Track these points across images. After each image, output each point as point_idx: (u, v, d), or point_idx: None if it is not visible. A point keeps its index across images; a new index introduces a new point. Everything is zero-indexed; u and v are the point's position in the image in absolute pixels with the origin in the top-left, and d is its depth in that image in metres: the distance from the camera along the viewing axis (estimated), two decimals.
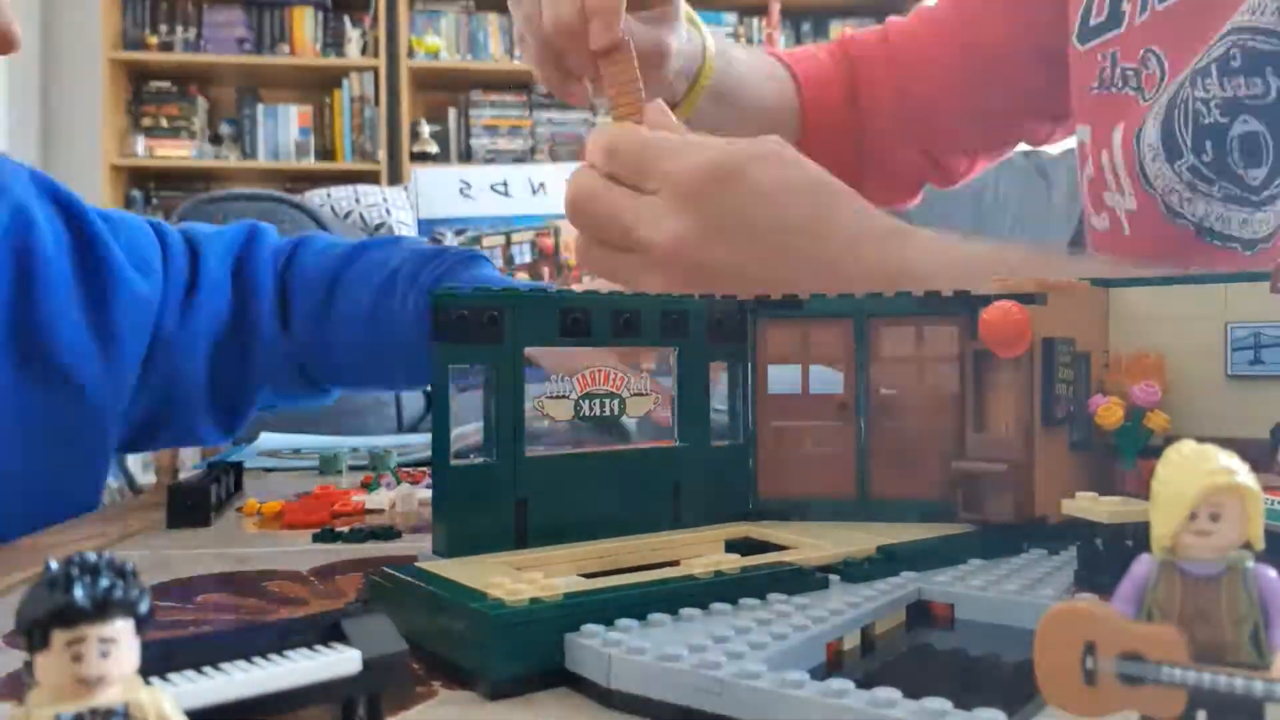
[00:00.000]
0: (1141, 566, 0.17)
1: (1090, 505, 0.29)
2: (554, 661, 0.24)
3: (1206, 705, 0.16)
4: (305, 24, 3.08)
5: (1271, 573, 0.16)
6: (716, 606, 0.26)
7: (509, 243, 1.57)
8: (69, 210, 0.57)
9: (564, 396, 0.33)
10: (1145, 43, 0.52)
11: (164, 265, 0.60)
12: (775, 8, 3.13)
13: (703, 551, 0.31)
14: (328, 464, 0.68)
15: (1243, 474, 0.16)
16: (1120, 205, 0.54)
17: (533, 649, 0.24)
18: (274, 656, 0.18)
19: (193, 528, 0.47)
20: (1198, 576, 0.16)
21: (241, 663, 0.18)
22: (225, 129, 3.12)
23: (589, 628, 0.24)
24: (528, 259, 1.55)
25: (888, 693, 0.19)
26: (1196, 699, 0.16)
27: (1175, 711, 0.16)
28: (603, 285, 0.48)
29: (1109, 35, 0.55)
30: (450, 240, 1.53)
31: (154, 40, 3.02)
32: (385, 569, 0.29)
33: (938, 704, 0.19)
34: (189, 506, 0.47)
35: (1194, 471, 0.16)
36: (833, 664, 0.25)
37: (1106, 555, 0.28)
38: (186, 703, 0.16)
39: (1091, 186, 0.57)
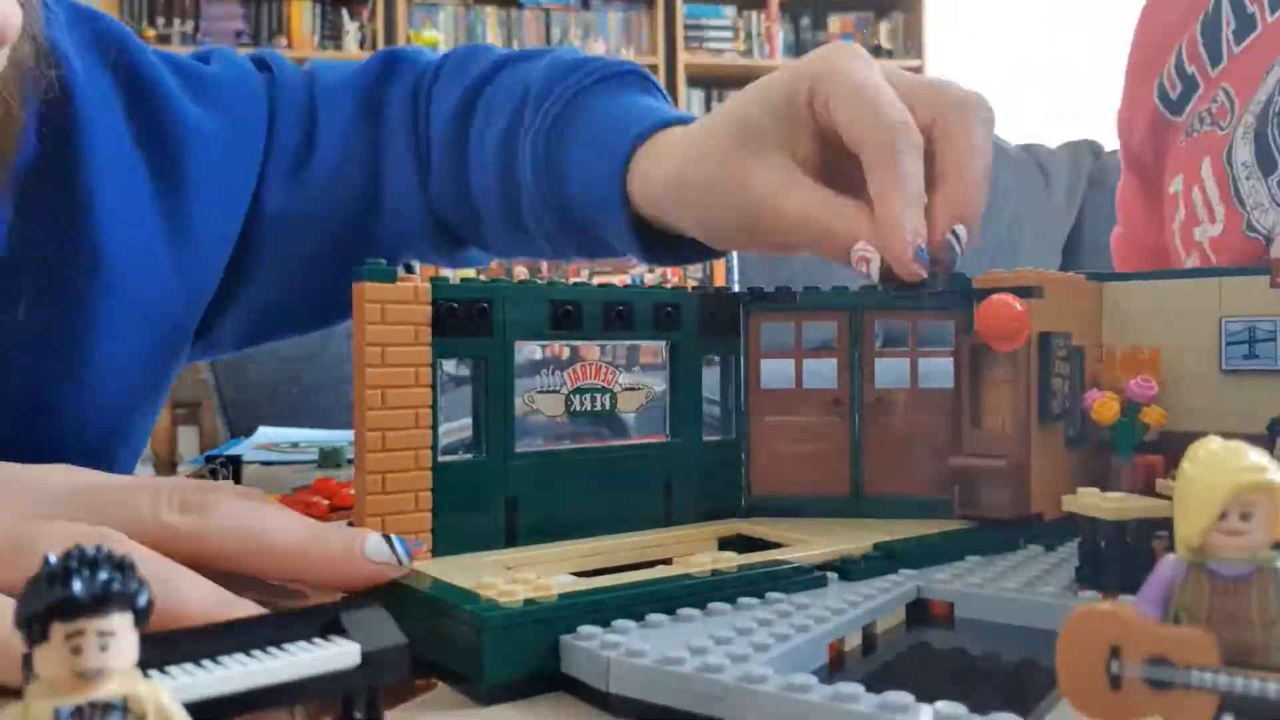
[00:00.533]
0: (1167, 568, 0.16)
1: (1093, 501, 0.28)
2: (550, 664, 0.23)
3: (1237, 710, 0.15)
4: (303, 17, 3.03)
5: None
6: (714, 606, 0.25)
7: None
8: (121, 49, 0.42)
9: (555, 391, 0.32)
10: (1218, 84, 0.56)
11: (269, 119, 0.46)
12: (774, 1, 3.10)
13: (695, 549, 0.30)
14: (327, 457, 0.66)
15: (1274, 472, 0.15)
16: (1206, 235, 0.55)
17: (527, 652, 0.23)
18: (273, 650, 0.18)
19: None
20: (1227, 578, 0.16)
21: (240, 656, 0.18)
22: None
23: (585, 629, 0.23)
24: None
25: (899, 696, 0.19)
26: (1227, 704, 0.15)
27: (1205, 717, 0.15)
28: None
29: (1194, 97, 0.58)
30: None
31: (151, 33, 2.96)
32: None
33: (951, 708, 0.18)
34: None
35: (1224, 469, 0.15)
36: (835, 665, 0.24)
37: (1109, 552, 0.27)
38: (185, 696, 0.16)
39: (1183, 231, 0.58)
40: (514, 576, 0.25)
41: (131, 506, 0.26)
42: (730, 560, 0.27)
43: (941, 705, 0.18)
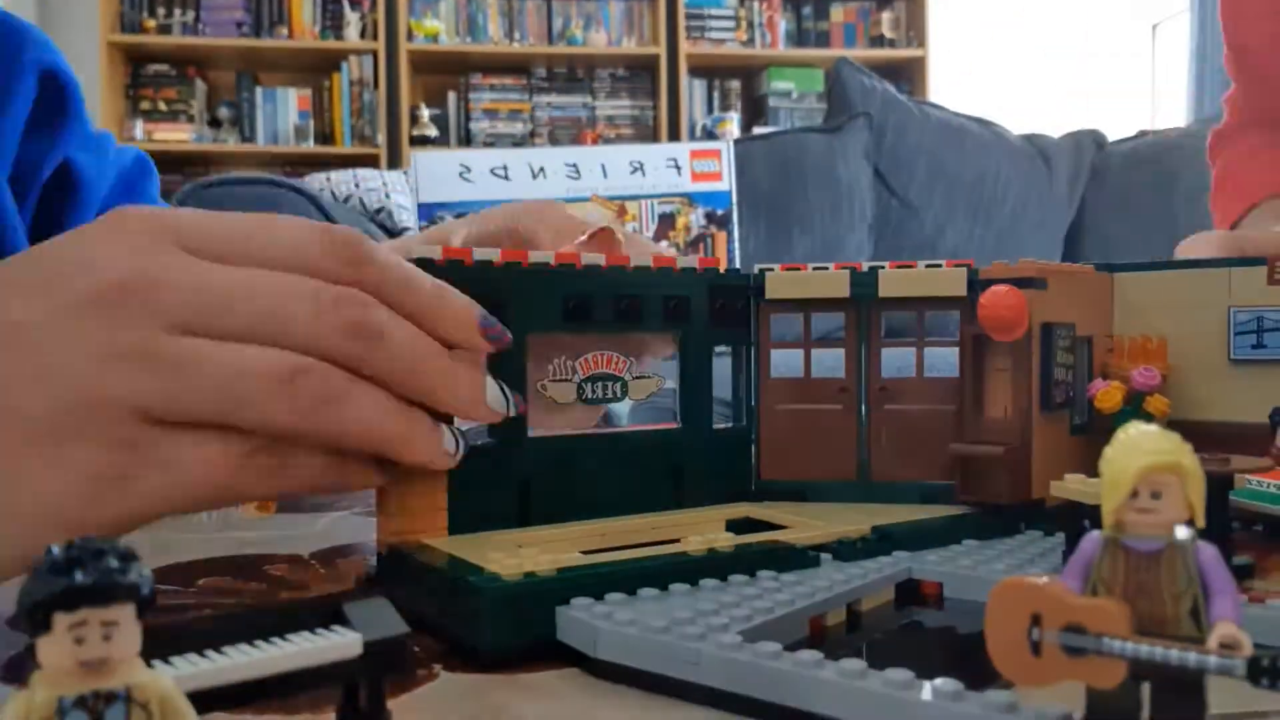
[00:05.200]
0: (1089, 543, 0.18)
1: (1079, 486, 0.30)
2: (548, 634, 0.26)
3: (1146, 676, 0.17)
4: (304, 7, 3.10)
5: (1210, 549, 0.18)
6: (706, 582, 0.28)
7: None
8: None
9: (567, 380, 0.34)
10: None
11: None
12: None
13: (703, 531, 0.33)
14: None
15: (1184, 454, 0.17)
16: None
17: (526, 621, 0.26)
18: (275, 640, 0.19)
19: None
20: (1140, 552, 0.18)
21: (243, 646, 0.18)
22: (224, 112, 3.15)
23: (579, 601, 0.26)
24: None
25: (854, 664, 0.21)
26: (1136, 670, 0.17)
27: (1116, 680, 0.17)
28: None
29: None
30: None
31: (152, 23, 3.04)
32: (391, 546, 0.30)
33: (900, 675, 0.20)
34: None
35: (1136, 451, 0.17)
36: (816, 639, 0.27)
37: None
38: (188, 686, 0.16)
39: None
40: (519, 552, 0.28)
41: None
42: (727, 540, 0.30)
43: (891, 671, 0.20)
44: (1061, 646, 0.18)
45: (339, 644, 0.19)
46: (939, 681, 0.20)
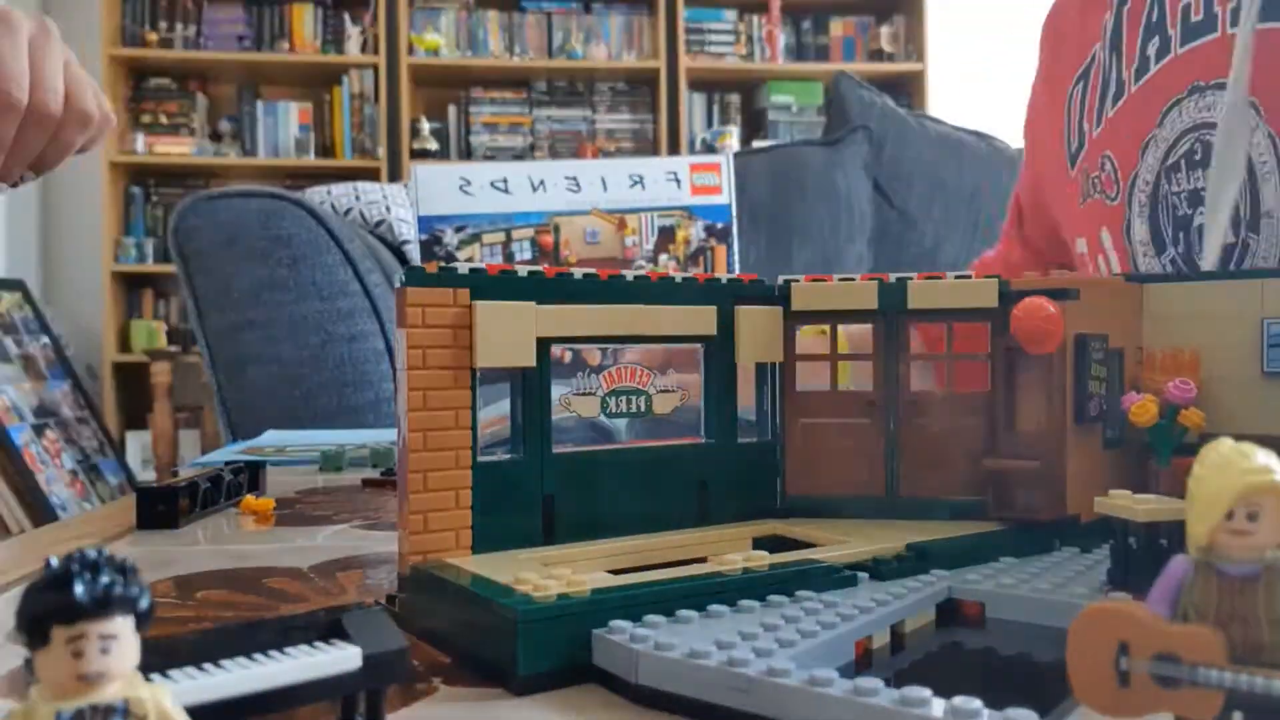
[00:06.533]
0: (1177, 567, 0.17)
1: (1126, 503, 0.29)
2: (582, 657, 0.25)
3: (1243, 707, 0.16)
4: (305, 21, 3.11)
5: None
6: (744, 603, 0.27)
7: (509, 239, 1.60)
8: None
9: (590, 394, 0.33)
10: (1100, 150, 0.62)
11: None
12: (775, 5, 3.15)
13: (731, 549, 0.32)
14: (329, 460, 0.68)
15: None
16: None
17: (560, 645, 0.24)
18: (274, 653, 0.18)
19: (161, 530, 0.47)
20: (1234, 577, 0.17)
21: (242, 659, 0.18)
22: (225, 126, 3.14)
23: (616, 624, 0.25)
24: (528, 255, 1.59)
25: (918, 691, 0.20)
26: (1233, 701, 0.16)
27: (1212, 713, 0.16)
28: None
29: (1081, 153, 0.65)
30: (450, 237, 1.55)
31: (154, 37, 3.04)
32: (415, 564, 0.29)
33: (969, 703, 0.19)
34: (158, 510, 0.47)
35: (1231, 470, 0.16)
36: (862, 662, 0.26)
37: (1140, 554, 0.29)
38: (187, 699, 0.16)
39: None
40: (549, 572, 0.27)
41: None
42: (762, 559, 0.29)
43: (958, 700, 0.19)
44: (1153, 676, 0.16)
45: (338, 657, 0.19)
46: (1011, 712, 0.19)
